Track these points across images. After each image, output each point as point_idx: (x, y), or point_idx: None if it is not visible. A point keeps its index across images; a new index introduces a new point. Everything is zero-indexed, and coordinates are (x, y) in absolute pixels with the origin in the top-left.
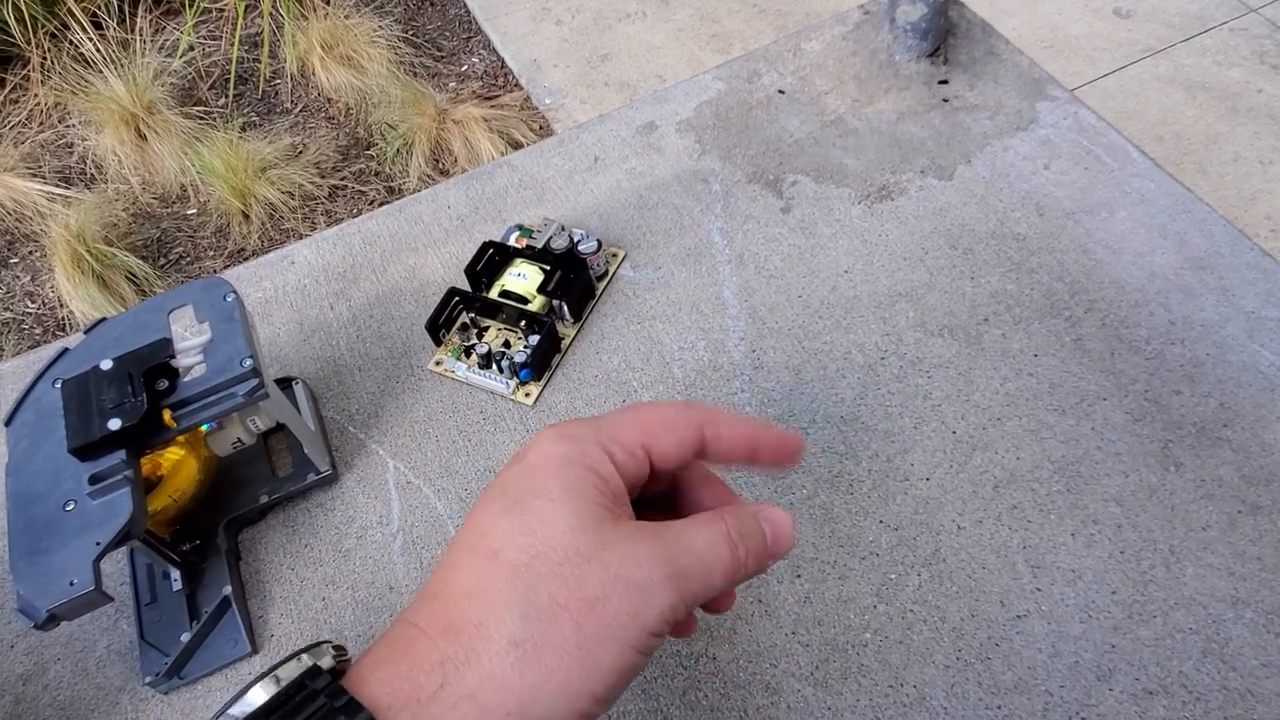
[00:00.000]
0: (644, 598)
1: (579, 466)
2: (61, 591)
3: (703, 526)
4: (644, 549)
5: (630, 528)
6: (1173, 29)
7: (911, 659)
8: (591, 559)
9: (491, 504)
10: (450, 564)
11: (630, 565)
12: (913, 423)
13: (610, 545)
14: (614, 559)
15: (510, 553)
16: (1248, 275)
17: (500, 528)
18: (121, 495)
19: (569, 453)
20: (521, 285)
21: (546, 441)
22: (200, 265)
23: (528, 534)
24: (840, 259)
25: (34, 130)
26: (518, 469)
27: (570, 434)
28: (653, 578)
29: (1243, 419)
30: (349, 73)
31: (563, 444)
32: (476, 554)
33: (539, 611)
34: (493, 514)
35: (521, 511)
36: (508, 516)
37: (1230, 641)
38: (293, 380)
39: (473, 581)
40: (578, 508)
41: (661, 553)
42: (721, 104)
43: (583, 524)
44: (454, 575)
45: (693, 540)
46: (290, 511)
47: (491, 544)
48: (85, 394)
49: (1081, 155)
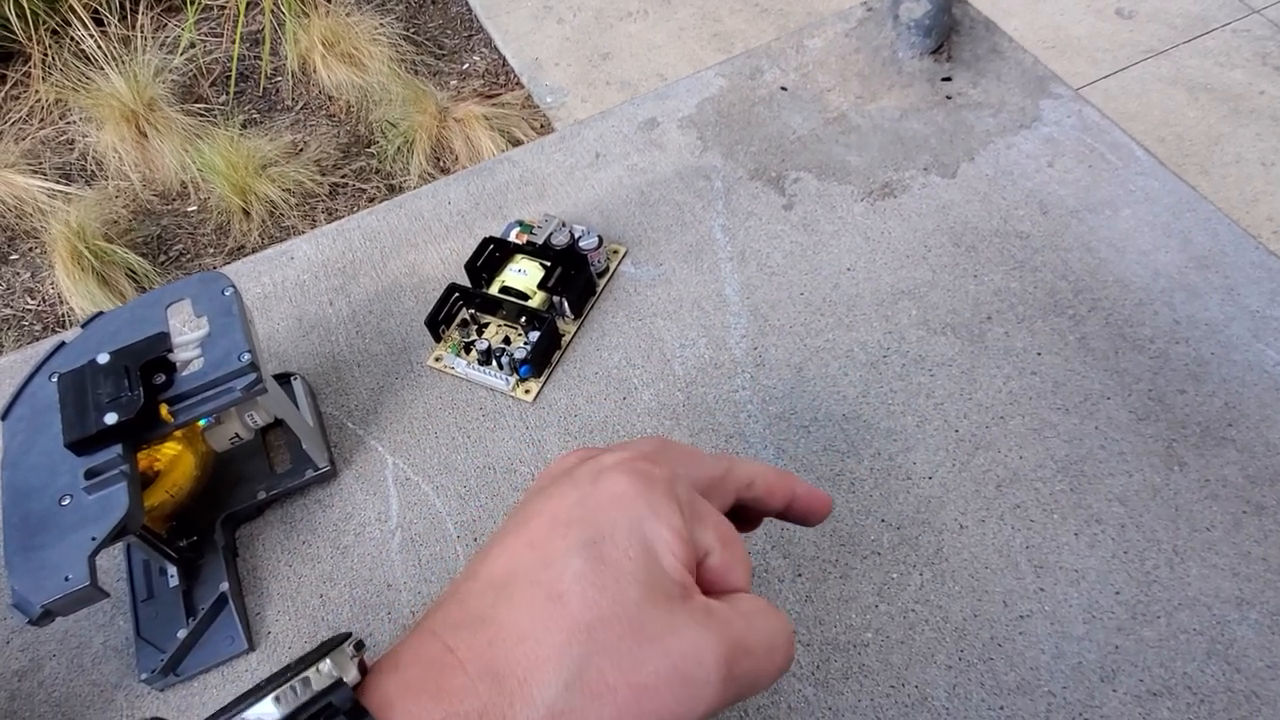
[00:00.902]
0: (694, 697)
1: (664, 525)
2: (56, 587)
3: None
4: (709, 645)
5: (699, 612)
6: (1175, 30)
7: (913, 659)
8: (654, 641)
9: (564, 531)
10: (504, 582)
11: (691, 661)
12: (915, 421)
13: (676, 630)
14: (676, 647)
15: (576, 604)
16: (1252, 274)
17: (571, 568)
18: (117, 490)
19: (656, 502)
20: (522, 281)
21: (635, 474)
22: (200, 262)
23: (599, 589)
24: (842, 256)
25: (35, 126)
26: (602, 497)
27: (660, 474)
28: (710, 680)
29: (1247, 418)
30: (350, 70)
31: (653, 487)
32: (538, 587)
33: (586, 685)
34: (565, 545)
35: (598, 559)
36: (581, 558)
37: (1235, 643)
38: (291, 376)
39: (528, 622)
40: (654, 576)
41: (725, 652)
42: (724, 100)
43: (654, 597)
44: (508, 604)
45: (757, 637)
46: (288, 508)
47: (557, 583)
48: (82, 388)
49: (1085, 153)
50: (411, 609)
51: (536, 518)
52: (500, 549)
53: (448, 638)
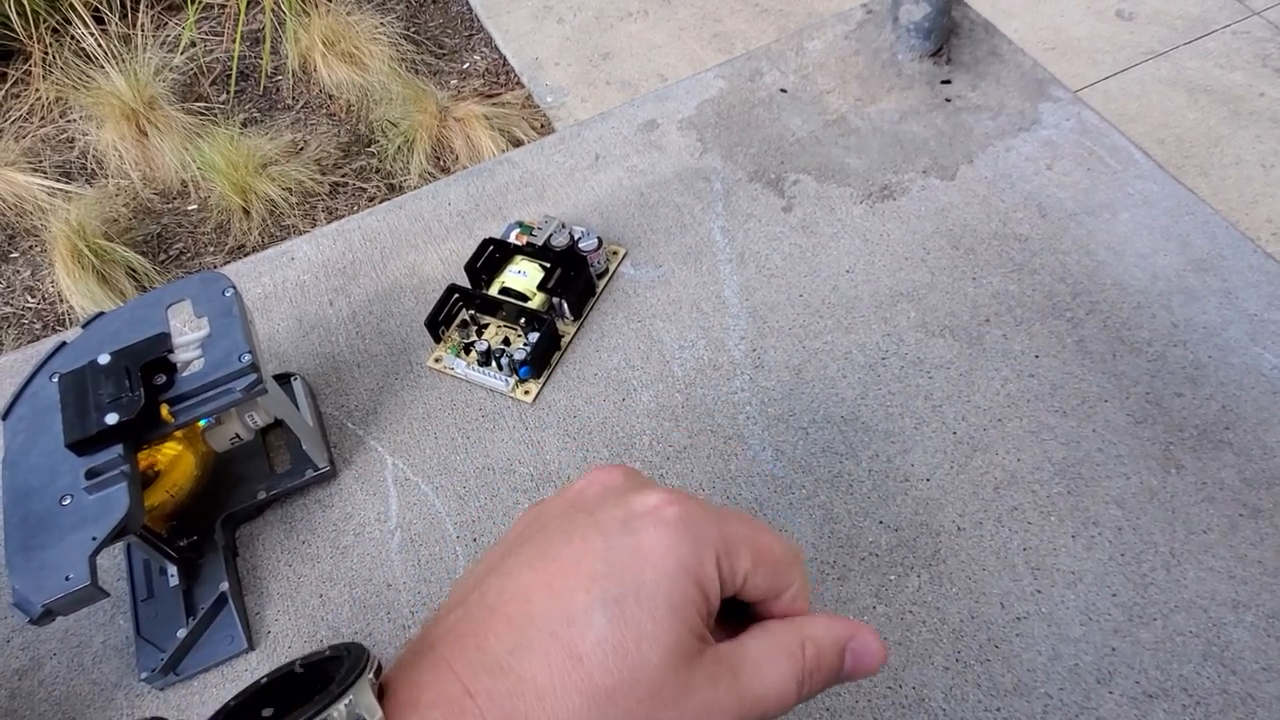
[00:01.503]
0: None
1: (691, 582)
2: (57, 586)
3: (779, 661)
4: (720, 700)
5: (712, 668)
6: (1175, 31)
7: (910, 660)
8: (671, 705)
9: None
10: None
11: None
12: (913, 423)
13: (692, 690)
14: (690, 707)
15: (595, 667)
16: (1250, 278)
17: (594, 627)
18: (118, 490)
19: (686, 560)
20: (521, 282)
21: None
22: (200, 261)
23: (620, 655)
24: (841, 258)
25: (35, 125)
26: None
27: (695, 528)
28: None
29: (1244, 422)
30: (350, 69)
31: (685, 542)
32: (558, 642)
33: None
34: (587, 601)
35: (622, 620)
36: (604, 617)
37: (1231, 645)
38: (291, 376)
39: (546, 680)
40: (677, 639)
41: (734, 704)
42: (723, 102)
43: (675, 660)
44: (528, 654)
45: (765, 681)
46: (288, 508)
47: (578, 642)
48: (82, 388)
49: (1084, 156)
50: (411, 609)
51: (556, 562)
52: (517, 583)
53: (469, 681)
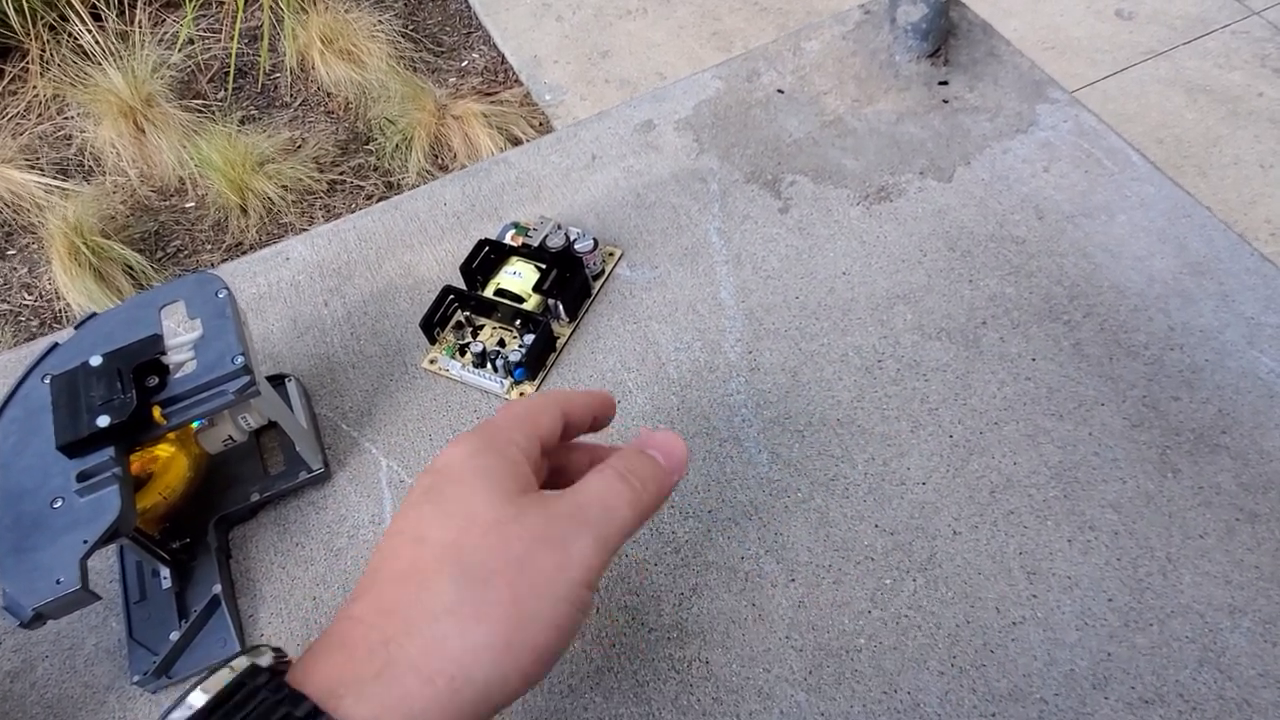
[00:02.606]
0: (565, 550)
1: (487, 456)
2: (48, 590)
3: (596, 476)
4: (555, 508)
5: (540, 495)
6: (1174, 31)
7: (906, 665)
8: (512, 523)
9: (411, 501)
10: (380, 557)
11: (546, 524)
12: (909, 426)
13: (526, 510)
14: (531, 520)
15: (435, 533)
16: (1247, 281)
17: (424, 516)
18: (110, 493)
19: (475, 447)
20: (517, 284)
21: (452, 446)
22: (198, 259)
23: (449, 515)
24: (838, 260)
25: (32, 122)
26: (429, 475)
27: (473, 435)
28: (568, 531)
29: (1241, 425)
30: (349, 67)
31: (466, 443)
32: (404, 540)
33: (471, 577)
34: (414, 507)
35: (440, 499)
36: (429, 504)
37: (1227, 650)
38: (285, 377)
39: (404, 565)
40: (491, 486)
41: (569, 509)
42: (720, 103)
43: (498, 498)
44: (384, 564)
45: (591, 490)
46: (282, 510)
47: (417, 530)
48: (74, 390)
49: (1081, 158)
50: None
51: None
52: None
53: (346, 611)
